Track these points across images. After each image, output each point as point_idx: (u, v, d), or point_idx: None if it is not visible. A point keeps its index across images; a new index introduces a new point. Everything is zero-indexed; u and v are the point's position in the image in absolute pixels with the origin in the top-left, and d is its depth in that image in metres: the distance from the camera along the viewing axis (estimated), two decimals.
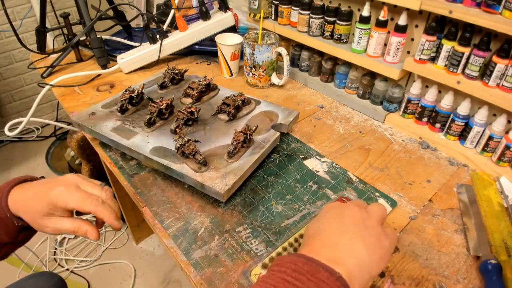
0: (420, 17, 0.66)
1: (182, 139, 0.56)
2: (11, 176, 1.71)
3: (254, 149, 0.59)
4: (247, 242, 0.49)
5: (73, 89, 0.87)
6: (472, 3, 0.56)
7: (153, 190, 0.58)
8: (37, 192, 0.47)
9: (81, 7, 0.88)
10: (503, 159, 0.60)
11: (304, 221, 0.52)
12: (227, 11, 0.94)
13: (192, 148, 0.55)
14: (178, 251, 0.48)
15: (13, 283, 0.69)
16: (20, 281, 0.70)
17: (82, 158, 1.21)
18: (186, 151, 0.55)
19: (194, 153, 0.55)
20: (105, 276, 1.32)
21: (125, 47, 1.02)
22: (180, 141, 0.56)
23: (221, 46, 0.87)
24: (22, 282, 0.70)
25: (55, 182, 0.48)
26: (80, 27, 0.94)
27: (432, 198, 0.58)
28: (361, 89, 0.79)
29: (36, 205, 0.46)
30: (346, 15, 0.74)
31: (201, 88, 0.72)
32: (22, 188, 0.49)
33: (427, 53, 0.64)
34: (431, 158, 0.66)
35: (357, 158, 0.65)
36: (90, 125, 0.64)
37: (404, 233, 0.52)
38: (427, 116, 0.70)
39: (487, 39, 0.57)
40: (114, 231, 1.47)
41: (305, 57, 0.89)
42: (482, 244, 0.49)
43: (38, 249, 1.39)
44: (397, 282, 0.45)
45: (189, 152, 0.55)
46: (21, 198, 0.47)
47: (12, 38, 1.78)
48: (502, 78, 0.57)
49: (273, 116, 0.68)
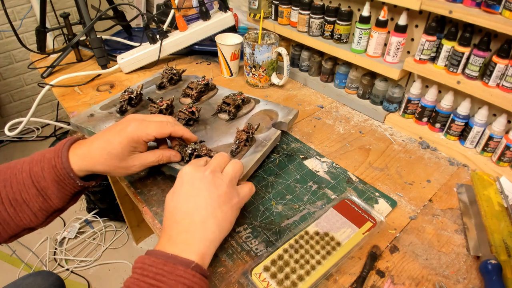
0: (420, 17, 0.66)
1: (194, 144, 0.55)
2: None
3: (256, 147, 0.59)
4: (247, 242, 0.49)
5: (73, 89, 0.87)
6: (472, 3, 0.56)
7: (153, 190, 0.58)
8: (108, 139, 0.48)
9: (81, 7, 0.88)
10: (503, 159, 0.60)
11: (304, 221, 0.52)
12: (227, 11, 0.94)
13: (205, 148, 0.55)
14: None
15: (11, 283, 0.69)
16: (18, 280, 0.70)
17: None
18: (201, 153, 0.54)
19: (207, 152, 0.55)
20: (105, 276, 1.32)
21: (125, 47, 1.02)
22: (192, 146, 0.55)
23: (221, 46, 0.87)
24: (20, 281, 0.70)
25: (123, 123, 0.49)
26: (80, 27, 0.94)
27: (432, 198, 0.58)
28: (361, 89, 0.79)
29: (115, 149, 0.47)
30: (346, 15, 0.74)
31: (200, 88, 0.72)
32: (83, 145, 0.48)
33: (427, 53, 0.64)
34: (431, 158, 0.66)
35: (357, 158, 0.66)
36: (89, 127, 0.64)
37: (404, 233, 0.52)
38: (427, 116, 0.70)
39: (487, 39, 0.57)
40: (114, 231, 1.47)
41: (305, 57, 0.89)
42: (482, 244, 0.49)
43: (38, 249, 1.39)
44: (397, 282, 0.45)
45: (205, 153, 0.55)
46: (92, 151, 0.47)
47: (12, 38, 1.78)
48: (502, 78, 0.57)
49: (273, 114, 0.68)
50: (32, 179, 0.45)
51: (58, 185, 0.46)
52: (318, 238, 0.48)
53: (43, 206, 0.46)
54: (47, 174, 0.45)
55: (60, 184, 0.46)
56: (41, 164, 0.45)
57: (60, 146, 0.47)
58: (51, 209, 0.47)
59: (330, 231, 0.49)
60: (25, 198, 0.45)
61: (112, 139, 0.48)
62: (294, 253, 0.46)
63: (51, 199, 0.46)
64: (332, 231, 0.49)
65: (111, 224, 1.49)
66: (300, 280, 0.43)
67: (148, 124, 0.49)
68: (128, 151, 0.48)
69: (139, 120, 0.50)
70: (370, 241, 0.50)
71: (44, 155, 0.46)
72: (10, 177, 0.45)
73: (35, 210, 0.45)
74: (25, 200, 0.45)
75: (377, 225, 0.50)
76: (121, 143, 0.47)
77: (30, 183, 0.45)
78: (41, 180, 0.45)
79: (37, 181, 0.45)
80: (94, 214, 1.49)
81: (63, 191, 0.46)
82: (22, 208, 0.45)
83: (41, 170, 0.45)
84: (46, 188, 0.45)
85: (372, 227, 0.49)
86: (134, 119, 0.50)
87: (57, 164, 0.45)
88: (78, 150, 0.47)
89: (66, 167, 0.45)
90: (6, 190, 0.44)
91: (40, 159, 0.46)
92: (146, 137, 0.49)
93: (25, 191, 0.45)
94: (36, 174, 0.45)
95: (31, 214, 0.45)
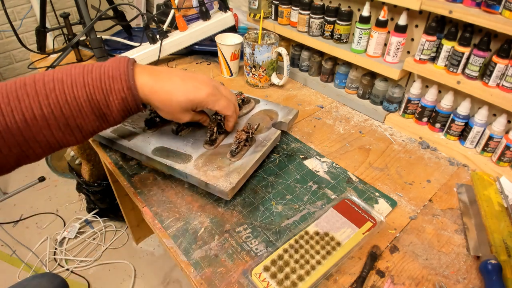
0: (420, 17, 0.66)
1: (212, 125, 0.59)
2: (11, 176, 1.72)
3: (256, 147, 0.59)
4: (247, 242, 0.49)
5: None
6: (472, 3, 0.56)
7: (153, 190, 0.58)
8: (180, 87, 0.48)
9: (81, 7, 0.88)
10: (503, 159, 0.60)
11: (304, 221, 0.52)
12: (227, 11, 0.94)
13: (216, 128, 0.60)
14: (178, 251, 0.48)
15: (17, 283, 0.69)
16: (23, 282, 0.70)
17: (82, 158, 1.21)
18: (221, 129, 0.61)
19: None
20: (105, 276, 1.32)
21: (125, 47, 1.02)
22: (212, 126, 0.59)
23: (221, 46, 0.87)
24: (25, 283, 0.70)
25: (199, 82, 0.51)
26: (80, 27, 0.94)
27: (432, 198, 0.58)
28: (361, 89, 0.79)
29: (182, 100, 0.48)
30: (346, 15, 0.74)
31: None
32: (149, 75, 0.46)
33: (427, 53, 0.64)
34: (431, 158, 0.66)
35: (357, 158, 0.65)
36: None
37: (404, 233, 0.52)
38: (427, 116, 0.70)
39: (487, 39, 0.57)
40: (114, 231, 1.47)
41: (305, 57, 0.89)
42: (482, 244, 0.49)
43: (38, 249, 1.39)
44: (397, 282, 0.45)
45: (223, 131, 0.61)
46: (158, 90, 0.46)
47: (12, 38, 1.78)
48: (502, 78, 0.57)
49: (273, 114, 0.68)
50: (92, 107, 0.42)
51: (123, 113, 0.45)
52: (318, 238, 0.48)
53: (96, 129, 0.45)
54: (114, 105, 0.44)
55: (126, 113, 0.46)
56: (105, 93, 0.43)
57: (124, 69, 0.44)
58: (100, 130, 0.46)
59: (330, 231, 0.49)
60: (79, 123, 0.42)
61: (182, 90, 0.48)
62: (294, 253, 0.46)
63: (109, 123, 0.45)
64: (332, 231, 0.49)
65: (111, 224, 1.49)
66: (300, 280, 0.43)
67: (219, 98, 0.52)
68: (189, 107, 0.50)
69: (213, 88, 0.51)
70: (370, 241, 0.50)
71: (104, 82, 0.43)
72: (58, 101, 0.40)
73: (86, 133, 0.44)
74: (79, 125, 0.43)
75: (377, 225, 0.50)
76: (188, 100, 0.49)
77: (89, 110, 0.42)
78: (103, 108, 0.43)
79: (98, 108, 0.43)
80: (94, 214, 1.49)
81: (125, 117, 0.46)
82: (73, 132, 0.43)
83: (105, 98, 0.43)
84: (108, 115, 0.44)
85: (372, 227, 0.49)
86: (210, 84, 0.51)
87: (127, 96, 0.44)
88: (144, 79, 0.45)
89: (137, 99, 0.45)
90: (54, 116, 0.40)
91: (101, 86, 0.43)
92: (211, 107, 0.52)
93: (81, 117, 0.42)
94: (98, 101, 0.43)
95: (80, 136, 0.44)
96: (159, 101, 0.47)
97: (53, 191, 1.65)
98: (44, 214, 1.54)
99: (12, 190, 1.64)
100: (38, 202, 1.59)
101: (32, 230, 1.47)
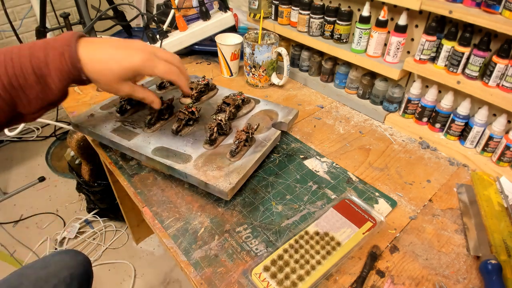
0: (420, 17, 0.66)
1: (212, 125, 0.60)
2: (11, 176, 1.72)
3: (256, 147, 0.59)
4: (247, 242, 0.49)
5: (73, 89, 0.87)
6: (472, 3, 0.56)
7: (153, 190, 0.58)
8: (114, 56, 0.46)
9: (81, 7, 0.88)
10: (503, 159, 0.60)
11: (304, 221, 0.52)
12: (227, 11, 0.94)
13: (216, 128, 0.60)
14: (178, 251, 0.48)
15: (39, 259, 0.70)
16: (46, 258, 0.70)
17: (82, 158, 1.21)
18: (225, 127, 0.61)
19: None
20: (105, 276, 1.32)
21: None
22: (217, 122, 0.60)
23: (221, 46, 0.87)
24: (49, 258, 0.70)
25: (133, 48, 0.48)
26: (80, 27, 0.94)
27: (432, 198, 0.58)
28: (361, 89, 0.79)
29: (116, 69, 0.46)
30: (346, 15, 0.74)
31: (200, 88, 0.72)
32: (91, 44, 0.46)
33: (427, 53, 0.64)
34: (431, 158, 0.66)
35: (357, 158, 0.65)
36: (89, 127, 0.64)
37: (404, 233, 0.52)
38: (427, 116, 0.70)
39: (487, 39, 0.57)
40: (114, 231, 1.47)
41: (305, 57, 0.89)
42: (482, 244, 0.49)
43: (38, 249, 1.39)
44: (397, 282, 0.45)
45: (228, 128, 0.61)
46: (96, 60, 0.45)
47: (12, 38, 1.78)
48: (502, 78, 0.57)
49: (273, 114, 0.68)
50: (33, 65, 0.42)
51: (61, 75, 0.44)
52: (318, 238, 0.48)
53: (40, 95, 0.44)
54: (51, 61, 0.43)
55: (63, 74, 0.44)
56: (45, 51, 0.43)
57: (69, 36, 0.44)
58: (47, 100, 0.45)
59: (330, 231, 0.49)
60: (22, 84, 0.42)
61: (116, 58, 0.46)
62: (294, 253, 0.46)
63: (50, 88, 0.44)
64: (332, 231, 0.49)
65: (111, 224, 1.49)
66: (300, 280, 0.43)
67: (157, 63, 0.49)
68: (125, 76, 0.48)
69: (149, 53, 0.48)
70: (370, 241, 0.50)
71: (48, 43, 0.44)
72: (4, 61, 0.42)
73: (31, 97, 0.44)
74: (22, 86, 0.42)
75: (377, 225, 0.50)
76: (121, 67, 0.47)
77: (30, 69, 0.42)
78: (43, 67, 0.43)
79: (38, 67, 0.42)
80: (94, 214, 1.49)
81: (64, 82, 0.45)
82: (18, 94, 0.43)
83: (44, 56, 0.43)
84: (47, 75, 0.43)
85: (372, 227, 0.49)
86: (146, 49, 0.49)
87: (65, 52, 0.43)
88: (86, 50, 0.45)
89: (75, 57, 0.43)
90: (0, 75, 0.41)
91: (44, 46, 0.43)
92: (149, 74, 0.49)
93: (23, 76, 0.42)
94: (38, 59, 0.42)
95: (26, 101, 0.44)
96: (93, 72, 0.46)
97: (53, 191, 1.65)
98: (44, 214, 1.54)
99: (12, 190, 1.64)
100: (38, 202, 1.59)
101: (32, 230, 1.47)
